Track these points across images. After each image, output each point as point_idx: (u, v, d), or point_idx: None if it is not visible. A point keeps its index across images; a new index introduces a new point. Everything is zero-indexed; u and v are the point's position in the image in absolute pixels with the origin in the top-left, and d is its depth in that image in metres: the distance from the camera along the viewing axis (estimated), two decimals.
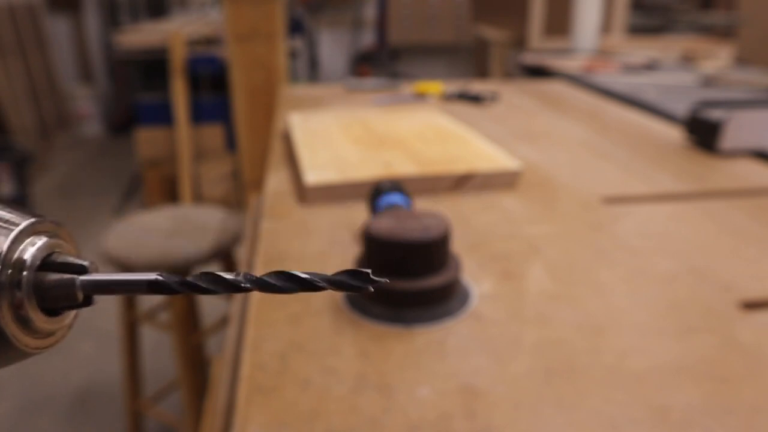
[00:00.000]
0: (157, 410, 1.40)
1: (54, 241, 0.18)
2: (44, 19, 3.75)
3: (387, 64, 4.10)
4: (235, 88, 1.49)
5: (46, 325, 0.18)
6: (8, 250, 0.16)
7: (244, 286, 0.17)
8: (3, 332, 0.16)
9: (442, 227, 0.43)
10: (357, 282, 0.17)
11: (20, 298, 0.16)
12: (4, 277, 0.16)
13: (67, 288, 0.17)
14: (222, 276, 0.17)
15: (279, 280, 0.17)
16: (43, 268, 0.17)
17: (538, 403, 0.34)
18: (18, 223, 0.17)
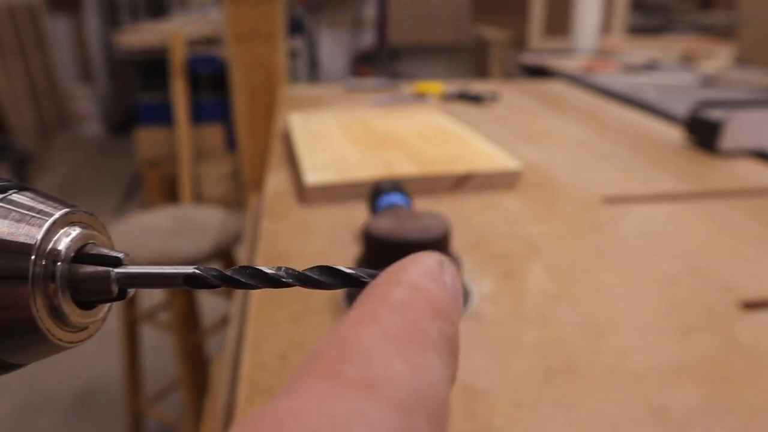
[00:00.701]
0: (157, 410, 1.40)
1: (88, 231, 0.17)
2: (44, 19, 3.75)
3: (387, 64, 4.10)
4: (235, 88, 1.49)
5: (80, 319, 0.17)
6: (42, 240, 0.16)
7: (286, 281, 0.16)
8: (37, 325, 0.16)
9: (442, 227, 0.43)
10: None
11: (54, 290, 0.16)
12: (38, 268, 0.16)
13: (101, 281, 0.17)
14: (262, 270, 0.16)
15: (322, 276, 0.16)
16: (77, 260, 0.17)
17: (538, 403, 0.34)
18: (52, 213, 0.16)
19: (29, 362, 0.17)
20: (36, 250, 0.16)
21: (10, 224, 0.16)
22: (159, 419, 1.48)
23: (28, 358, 0.16)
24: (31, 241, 0.16)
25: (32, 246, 0.15)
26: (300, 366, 0.10)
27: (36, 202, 0.16)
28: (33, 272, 0.15)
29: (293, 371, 0.10)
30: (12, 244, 0.15)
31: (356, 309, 0.12)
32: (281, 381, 0.36)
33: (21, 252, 0.15)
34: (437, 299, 0.12)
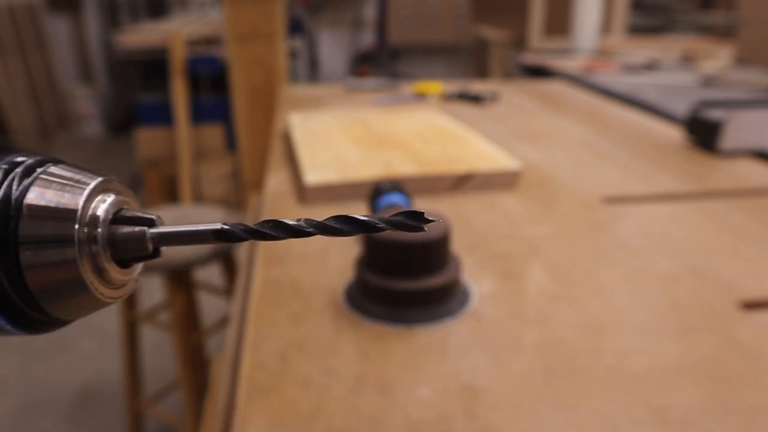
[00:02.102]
0: (157, 410, 1.40)
1: (121, 197, 0.19)
2: (44, 19, 3.75)
3: (387, 64, 4.09)
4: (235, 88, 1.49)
5: (119, 276, 0.19)
6: (84, 206, 0.17)
7: (307, 231, 0.18)
8: (84, 283, 0.17)
9: (442, 227, 0.43)
10: (413, 221, 0.18)
11: (97, 250, 0.18)
12: (82, 231, 0.17)
13: (137, 240, 0.18)
14: (284, 222, 0.18)
15: (339, 224, 0.18)
16: (115, 223, 0.18)
17: (538, 403, 0.34)
18: (89, 182, 0.18)
19: (75, 318, 0.19)
20: (79, 216, 0.17)
21: (53, 194, 0.17)
22: (159, 419, 1.48)
23: (76, 313, 0.18)
24: (74, 207, 0.17)
25: (76, 212, 0.17)
26: None
27: (73, 172, 0.18)
28: (78, 235, 0.17)
29: None
30: (58, 211, 0.17)
31: None
32: (281, 381, 0.36)
33: (66, 218, 0.17)
34: None
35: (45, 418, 1.55)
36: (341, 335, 0.40)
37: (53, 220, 0.17)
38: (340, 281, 0.47)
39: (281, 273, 0.49)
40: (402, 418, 0.33)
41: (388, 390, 0.35)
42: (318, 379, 0.36)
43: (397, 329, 0.41)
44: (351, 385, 0.36)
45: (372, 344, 0.39)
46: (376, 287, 0.42)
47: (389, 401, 0.34)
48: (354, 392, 0.35)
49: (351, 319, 0.42)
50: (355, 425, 0.32)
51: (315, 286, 0.47)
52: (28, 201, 0.17)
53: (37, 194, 0.17)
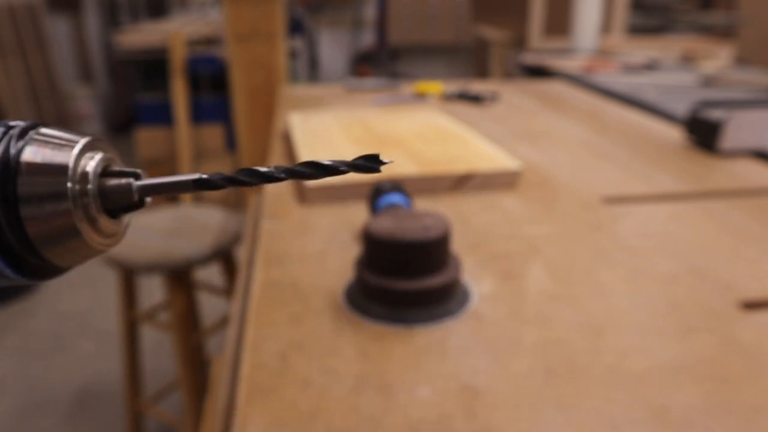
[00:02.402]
0: (157, 410, 1.40)
1: (108, 155, 0.21)
2: (44, 19, 3.75)
3: (387, 64, 4.09)
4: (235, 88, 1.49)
5: (109, 226, 0.21)
6: (75, 163, 0.19)
7: (278, 176, 0.20)
8: (79, 231, 0.19)
9: (442, 227, 0.43)
10: (371, 163, 0.20)
11: (88, 202, 0.19)
12: (74, 184, 0.19)
13: (125, 191, 0.20)
14: (257, 169, 0.20)
15: (306, 168, 0.20)
16: (103, 177, 0.20)
17: (538, 403, 0.34)
18: (78, 140, 0.20)
19: (73, 265, 0.20)
20: (71, 171, 0.19)
21: (47, 152, 0.19)
22: (159, 419, 1.48)
23: (72, 260, 0.20)
24: (66, 163, 0.19)
25: (67, 167, 0.19)
26: None
27: (62, 133, 0.20)
28: (71, 189, 0.19)
29: None
30: (53, 167, 0.19)
31: None
32: (281, 381, 0.36)
33: (60, 173, 0.19)
34: None
35: (44, 419, 1.55)
36: (341, 335, 0.40)
37: (49, 175, 0.19)
38: (340, 281, 0.47)
39: (281, 273, 0.49)
40: (402, 418, 0.33)
41: (388, 390, 0.35)
42: (318, 380, 0.36)
43: (397, 329, 0.41)
44: (351, 385, 0.36)
45: (372, 344, 0.39)
46: (376, 287, 0.42)
47: (389, 401, 0.34)
48: (354, 392, 0.35)
49: (351, 319, 0.42)
50: (355, 425, 0.32)
51: (315, 287, 0.47)
52: (25, 158, 0.19)
53: (32, 152, 0.19)
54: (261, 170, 0.20)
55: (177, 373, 1.34)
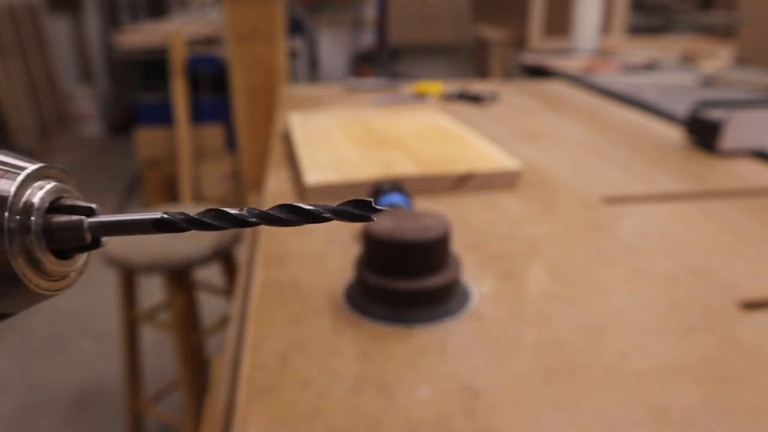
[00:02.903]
0: (157, 410, 1.40)
1: (62, 185, 0.18)
2: (44, 19, 3.75)
3: (387, 64, 4.09)
4: (235, 88, 1.49)
5: (58, 268, 0.18)
6: (15, 194, 0.16)
7: (250, 221, 0.17)
8: (16, 275, 0.16)
9: (442, 227, 0.43)
10: (360, 211, 0.17)
11: (30, 241, 0.17)
12: (12, 222, 0.16)
13: (75, 229, 0.17)
14: (227, 211, 0.17)
15: (283, 213, 0.17)
16: (52, 212, 0.17)
17: (538, 403, 0.34)
18: (25, 167, 0.17)
19: (15, 311, 0.17)
20: (10, 203, 0.16)
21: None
22: (159, 419, 1.48)
23: (13, 306, 0.17)
24: (5, 194, 0.16)
25: (7, 198, 0.16)
26: None
27: (11, 158, 0.17)
28: (8, 224, 0.16)
29: None
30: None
31: None
32: (281, 381, 0.36)
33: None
34: None
35: (44, 419, 1.55)
36: (341, 335, 0.40)
37: None
38: (340, 281, 0.47)
39: (281, 273, 0.49)
40: (402, 418, 0.33)
41: (388, 390, 0.35)
42: (318, 380, 0.36)
43: (397, 329, 0.41)
44: (351, 385, 0.36)
45: (372, 344, 0.39)
46: (376, 287, 0.42)
47: (389, 401, 0.34)
48: (354, 392, 0.35)
49: (351, 319, 0.42)
50: (355, 425, 0.32)
51: (315, 287, 0.47)
52: None
53: None
54: (231, 213, 0.17)
55: (177, 373, 1.34)
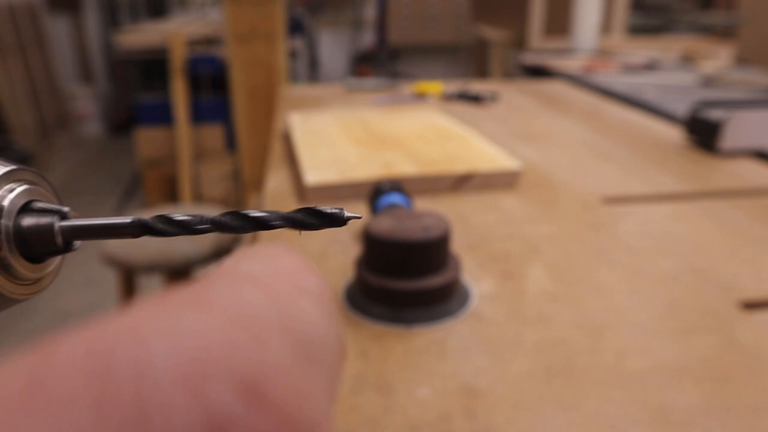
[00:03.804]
0: None
1: (34, 188, 0.17)
2: (44, 19, 3.75)
3: (387, 64, 4.09)
4: (235, 88, 1.49)
5: (29, 272, 0.17)
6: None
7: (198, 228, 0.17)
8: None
9: (442, 227, 0.43)
10: (314, 220, 0.16)
11: (0, 244, 0.16)
12: None
13: (45, 233, 0.17)
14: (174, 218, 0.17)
15: (232, 220, 0.16)
16: (24, 213, 0.17)
17: (538, 403, 0.34)
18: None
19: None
20: None
21: None
22: None
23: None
24: None
25: None
26: None
27: None
28: None
29: None
30: None
31: None
32: None
33: None
34: (302, 261, 0.11)
35: None
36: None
37: None
38: (340, 281, 0.47)
39: None
40: (402, 418, 0.33)
41: (388, 390, 0.35)
42: None
43: (397, 329, 0.41)
44: (351, 385, 0.36)
45: (372, 344, 0.39)
46: (376, 287, 0.42)
47: (389, 401, 0.34)
48: (354, 392, 0.35)
49: (351, 319, 0.42)
50: (355, 425, 0.32)
51: None
52: None
53: None
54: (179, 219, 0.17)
55: None
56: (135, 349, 0.07)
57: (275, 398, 0.07)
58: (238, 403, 0.07)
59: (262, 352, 0.08)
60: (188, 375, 0.07)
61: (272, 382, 0.07)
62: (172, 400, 0.06)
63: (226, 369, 0.07)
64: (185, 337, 0.07)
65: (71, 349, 0.07)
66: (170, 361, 0.07)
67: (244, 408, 0.07)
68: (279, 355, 0.08)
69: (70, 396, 0.06)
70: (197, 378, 0.07)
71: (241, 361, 0.07)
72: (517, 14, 2.16)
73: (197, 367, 0.07)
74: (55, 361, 0.07)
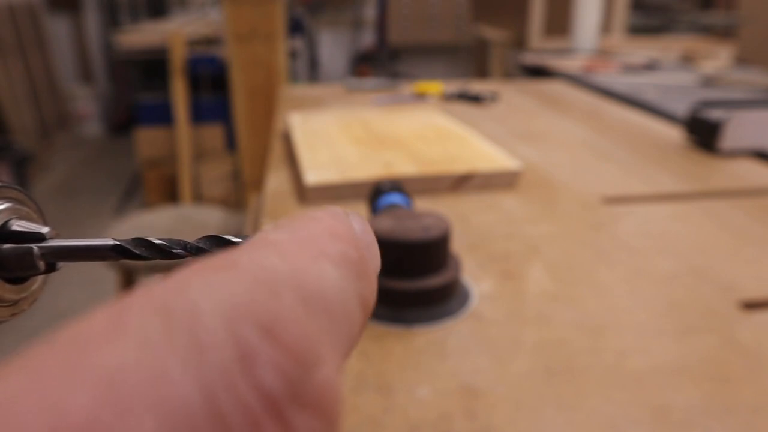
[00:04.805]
0: None
1: (16, 206, 0.17)
2: (44, 19, 3.75)
3: (387, 64, 4.09)
4: (235, 88, 1.49)
5: (10, 294, 0.17)
6: None
7: (179, 253, 0.17)
8: None
9: (442, 227, 0.43)
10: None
11: None
12: None
13: (24, 257, 0.16)
14: (162, 243, 0.17)
15: (213, 246, 0.17)
16: (0, 236, 0.16)
17: (539, 403, 0.34)
18: None
19: None
20: None
21: None
22: None
23: None
24: None
25: None
26: None
27: None
28: None
29: None
30: None
31: None
32: None
33: None
34: (338, 228, 0.13)
35: None
36: None
37: None
38: None
39: None
40: (402, 418, 0.33)
41: (388, 390, 0.35)
42: None
43: (397, 329, 0.41)
44: (351, 385, 0.36)
45: (372, 344, 0.39)
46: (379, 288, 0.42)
47: (389, 401, 0.34)
48: (354, 392, 0.35)
49: None
50: (355, 425, 0.32)
51: None
52: None
53: None
54: (157, 243, 0.17)
55: None
56: (186, 301, 0.09)
57: (284, 337, 0.10)
58: (259, 340, 0.09)
59: (276, 302, 0.10)
60: (225, 320, 0.09)
61: (282, 326, 0.10)
62: (217, 337, 0.09)
63: (249, 315, 0.09)
64: (220, 291, 0.10)
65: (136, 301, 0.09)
66: (212, 310, 0.09)
67: (263, 343, 0.09)
68: (289, 305, 0.10)
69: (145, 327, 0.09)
70: (231, 322, 0.09)
71: (260, 309, 0.10)
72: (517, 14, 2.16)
73: (231, 313, 0.09)
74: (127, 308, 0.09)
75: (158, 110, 2.58)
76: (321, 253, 0.11)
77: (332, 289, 0.11)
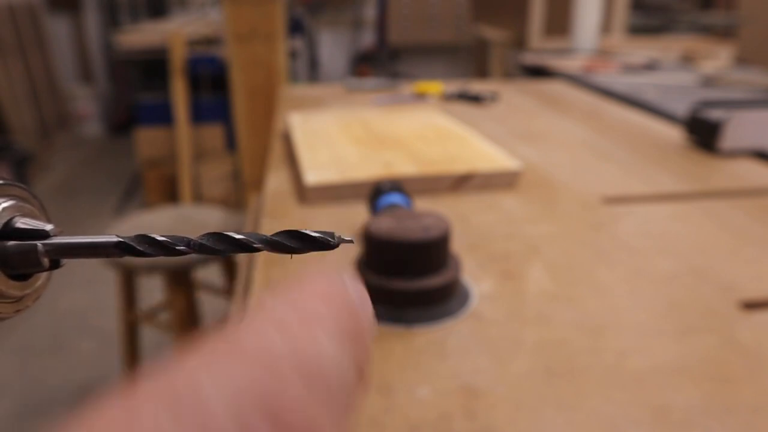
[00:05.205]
0: None
1: (17, 203, 0.17)
2: (44, 19, 3.75)
3: (387, 64, 4.09)
4: (235, 88, 1.49)
5: (14, 291, 0.17)
6: None
7: (182, 250, 0.17)
8: None
9: (442, 227, 0.43)
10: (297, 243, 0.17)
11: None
12: None
13: (28, 254, 0.16)
14: (154, 237, 0.17)
15: (214, 242, 0.17)
16: (5, 234, 0.16)
17: (539, 404, 0.34)
18: None
19: None
20: None
21: None
22: None
23: None
24: None
25: None
26: None
27: None
28: None
29: None
30: None
31: None
32: None
33: None
34: (332, 294, 0.13)
35: (44, 419, 1.55)
36: None
37: None
38: None
39: (281, 273, 0.49)
40: (402, 418, 0.33)
41: (388, 390, 0.35)
42: None
43: (397, 329, 0.41)
44: None
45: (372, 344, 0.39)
46: (376, 287, 0.42)
47: (389, 401, 0.34)
48: None
49: None
50: (355, 425, 0.32)
51: None
52: None
53: None
54: (158, 239, 0.18)
55: None
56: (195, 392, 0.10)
57: (288, 420, 0.10)
58: (265, 426, 0.10)
59: (279, 385, 0.10)
60: (232, 408, 0.10)
61: (287, 410, 0.10)
62: (225, 425, 0.09)
63: (255, 401, 0.10)
64: (227, 379, 0.10)
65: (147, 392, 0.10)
66: (219, 398, 0.10)
67: (268, 429, 0.10)
68: (291, 386, 0.10)
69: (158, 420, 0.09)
70: (238, 409, 0.10)
71: (265, 393, 0.10)
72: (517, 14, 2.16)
73: (237, 400, 0.10)
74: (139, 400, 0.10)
75: (158, 110, 2.58)
76: (318, 326, 0.12)
77: (330, 364, 0.11)
